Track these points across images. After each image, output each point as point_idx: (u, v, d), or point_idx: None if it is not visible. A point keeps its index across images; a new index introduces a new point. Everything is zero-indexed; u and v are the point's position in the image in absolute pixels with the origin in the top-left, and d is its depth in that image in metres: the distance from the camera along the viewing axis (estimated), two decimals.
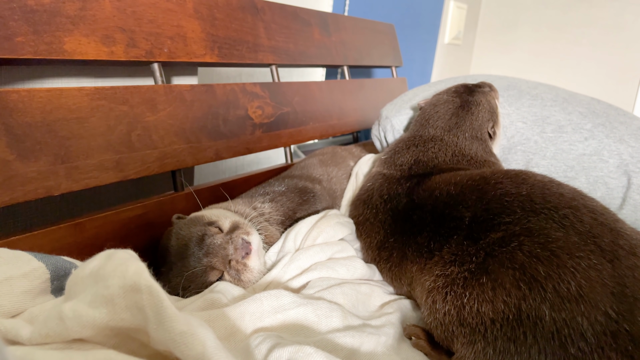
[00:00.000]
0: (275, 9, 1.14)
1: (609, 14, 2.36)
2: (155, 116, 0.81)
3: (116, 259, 0.46)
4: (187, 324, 0.40)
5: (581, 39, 2.46)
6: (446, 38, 2.51)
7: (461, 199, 0.67)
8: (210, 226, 0.71)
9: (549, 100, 0.98)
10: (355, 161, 1.14)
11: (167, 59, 0.85)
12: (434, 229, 0.67)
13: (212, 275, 0.68)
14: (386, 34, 1.68)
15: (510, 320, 0.51)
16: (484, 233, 0.60)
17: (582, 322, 0.48)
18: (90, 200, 0.87)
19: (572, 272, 0.51)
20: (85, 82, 0.84)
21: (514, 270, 0.54)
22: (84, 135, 0.70)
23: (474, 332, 0.54)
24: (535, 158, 0.90)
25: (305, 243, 0.77)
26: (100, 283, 0.43)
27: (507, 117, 0.96)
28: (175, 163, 0.84)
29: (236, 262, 0.68)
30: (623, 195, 0.85)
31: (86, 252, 0.65)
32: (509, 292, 0.53)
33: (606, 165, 0.86)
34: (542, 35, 2.59)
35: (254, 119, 1.02)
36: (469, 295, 0.56)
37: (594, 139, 0.88)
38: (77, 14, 0.72)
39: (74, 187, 0.68)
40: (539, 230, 0.56)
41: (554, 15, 2.53)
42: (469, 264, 0.59)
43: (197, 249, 0.69)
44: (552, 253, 0.53)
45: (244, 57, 1.02)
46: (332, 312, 0.59)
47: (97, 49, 0.74)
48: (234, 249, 0.68)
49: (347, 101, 1.38)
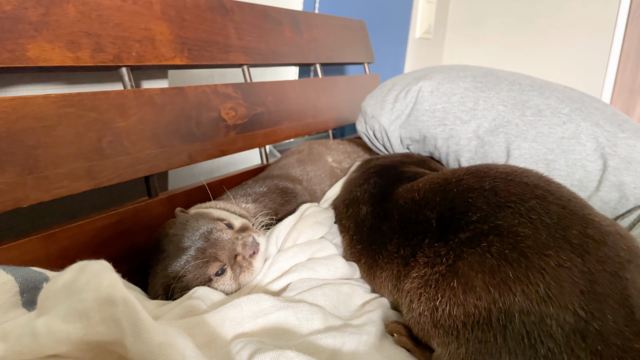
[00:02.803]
0: (245, 8, 1.13)
1: (575, 4, 2.41)
2: (125, 122, 0.79)
3: (89, 271, 0.45)
4: (165, 335, 0.39)
5: (549, 30, 2.50)
6: (417, 33, 2.52)
7: (425, 202, 0.67)
8: (218, 222, 0.73)
9: (527, 86, 0.99)
10: (332, 156, 1.14)
11: (136, 62, 0.83)
12: (404, 236, 0.67)
13: (212, 267, 0.68)
14: (357, 31, 1.68)
15: (481, 323, 0.51)
16: (453, 233, 0.60)
17: (551, 323, 0.48)
18: (62, 210, 0.85)
19: (540, 273, 0.50)
20: (52, 89, 0.82)
21: (483, 274, 0.53)
22: (52, 144, 0.68)
23: (447, 334, 0.54)
24: (517, 140, 0.92)
25: (286, 245, 0.77)
26: (74, 297, 0.42)
27: (487, 100, 0.97)
28: (148, 168, 0.82)
29: (242, 259, 0.70)
30: (599, 177, 0.87)
31: (58, 264, 0.64)
32: (479, 296, 0.52)
33: (584, 149, 0.88)
34: (511, 27, 2.62)
35: (227, 121, 1.01)
36: (440, 298, 0.56)
37: (572, 122, 0.90)
38: (40, 19, 0.70)
39: (44, 198, 0.66)
40: (507, 229, 0.55)
41: (522, 6, 2.57)
42: (440, 265, 0.58)
43: (202, 241, 0.69)
44: (521, 254, 0.52)
45: (214, 58, 1.01)
46: (313, 315, 0.58)
47: (62, 54, 0.72)
48: (242, 246, 0.70)
49: (322, 99, 1.38)
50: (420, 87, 1.04)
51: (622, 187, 0.85)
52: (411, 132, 1.04)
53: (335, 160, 1.13)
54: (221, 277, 0.69)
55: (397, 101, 1.06)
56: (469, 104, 0.98)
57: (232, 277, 0.69)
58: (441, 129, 0.99)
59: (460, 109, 0.98)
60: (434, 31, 2.70)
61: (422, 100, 1.02)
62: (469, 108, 0.98)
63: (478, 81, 1.02)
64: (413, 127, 1.04)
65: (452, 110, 0.99)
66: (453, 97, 1.00)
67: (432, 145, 1.03)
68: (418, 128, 1.03)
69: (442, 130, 0.99)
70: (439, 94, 1.01)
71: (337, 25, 1.56)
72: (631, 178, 0.84)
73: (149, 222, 0.84)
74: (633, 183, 0.84)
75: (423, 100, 1.02)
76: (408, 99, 1.05)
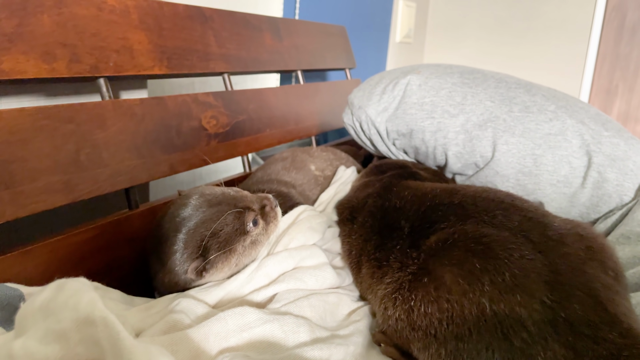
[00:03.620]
0: (225, 16, 1.12)
1: (551, 8, 2.44)
2: (104, 133, 0.78)
3: (68, 290, 0.43)
4: (147, 354, 0.38)
5: (526, 33, 2.54)
6: (397, 37, 2.54)
7: (402, 211, 0.71)
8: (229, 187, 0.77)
9: (513, 84, 1.00)
10: (315, 164, 1.13)
11: (114, 73, 0.82)
12: (380, 239, 0.71)
13: (249, 215, 0.71)
14: (338, 36, 1.68)
15: (454, 317, 0.52)
16: (423, 239, 0.63)
17: (521, 311, 0.49)
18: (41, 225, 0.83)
19: (505, 263, 0.52)
20: (28, 102, 0.80)
21: (451, 266, 0.55)
22: (28, 158, 0.66)
23: (425, 334, 0.55)
24: (505, 135, 0.92)
25: (276, 249, 0.76)
26: (51, 317, 0.41)
27: (475, 95, 0.97)
28: (128, 180, 0.81)
29: (270, 209, 0.75)
30: (584, 174, 0.88)
31: (36, 282, 0.62)
32: (449, 289, 0.54)
33: (570, 145, 0.89)
34: (490, 30, 2.65)
35: (208, 130, 1.00)
36: (415, 298, 0.57)
37: (558, 119, 0.92)
38: (14, 31, 0.68)
39: (20, 214, 0.65)
40: (472, 230, 0.59)
41: (500, 10, 2.60)
42: (412, 266, 0.61)
43: (230, 197, 0.72)
44: (485, 246, 0.55)
45: (194, 66, 1.00)
46: (299, 327, 0.58)
47: (37, 66, 0.70)
48: (267, 199, 0.76)
49: (304, 106, 1.38)
50: (408, 81, 1.03)
51: (605, 183, 0.86)
52: (398, 125, 1.03)
53: (318, 169, 1.13)
54: (256, 227, 0.72)
55: (384, 93, 1.05)
56: (457, 99, 0.98)
57: (263, 227, 0.74)
58: (429, 121, 0.99)
59: (449, 103, 0.98)
60: (414, 35, 2.72)
61: (411, 93, 1.02)
62: (457, 102, 0.98)
63: (465, 77, 1.02)
64: (401, 119, 1.02)
65: (441, 104, 0.99)
66: (441, 91, 1.00)
67: (419, 139, 1.01)
68: (405, 121, 1.02)
69: (430, 123, 0.99)
70: (427, 88, 1.01)
71: (318, 31, 1.56)
72: (614, 175, 0.86)
73: (130, 235, 0.82)
74: (616, 180, 0.86)
75: (411, 94, 1.02)
76: (396, 92, 1.04)
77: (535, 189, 0.91)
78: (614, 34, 2.36)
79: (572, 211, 0.90)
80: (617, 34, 2.36)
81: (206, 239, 0.67)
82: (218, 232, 0.67)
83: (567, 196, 0.89)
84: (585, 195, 0.88)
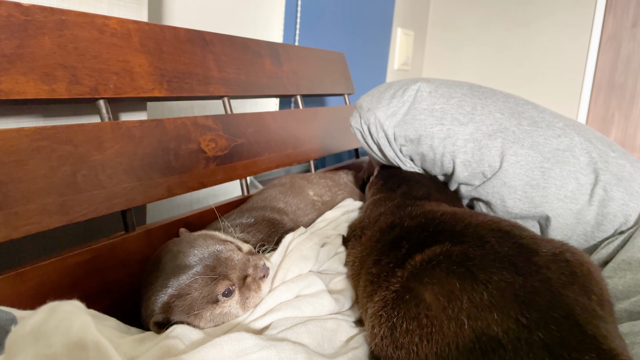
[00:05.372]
0: (225, 40, 1.13)
1: (547, 37, 2.48)
2: (102, 155, 0.77)
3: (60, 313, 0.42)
4: None
5: (522, 62, 2.57)
6: (395, 64, 2.57)
7: (407, 232, 0.73)
8: (228, 243, 0.71)
9: (521, 100, 1.01)
10: (314, 190, 1.13)
11: (114, 95, 0.82)
12: (379, 255, 0.72)
13: (222, 286, 0.65)
14: (337, 62, 1.70)
15: (434, 333, 0.53)
16: (409, 259, 0.64)
17: (497, 330, 0.50)
18: (34, 248, 0.82)
19: (484, 284, 0.54)
20: (27, 122, 0.80)
21: (432, 285, 0.57)
22: (24, 179, 0.66)
23: (408, 353, 0.55)
24: (514, 147, 0.92)
25: (274, 284, 0.74)
26: (42, 341, 0.40)
27: (485, 107, 0.97)
28: (125, 202, 0.80)
29: (252, 281, 0.69)
30: (590, 191, 0.88)
31: (29, 305, 0.60)
32: (429, 306, 0.55)
33: (578, 162, 0.90)
34: (486, 58, 2.69)
35: (207, 152, 1.00)
36: (397, 315, 0.58)
37: (566, 136, 0.92)
38: (14, 52, 0.68)
39: (14, 235, 0.63)
40: (459, 252, 0.61)
41: (496, 38, 2.64)
42: (395, 284, 0.62)
43: (212, 259, 0.67)
44: (467, 269, 0.57)
45: (194, 90, 1.00)
46: (297, 354, 0.56)
47: (37, 87, 0.70)
48: (254, 268, 0.69)
49: (302, 130, 1.38)
50: (418, 87, 1.03)
51: (610, 202, 0.86)
52: (407, 131, 1.02)
53: (316, 194, 1.13)
54: (229, 298, 0.66)
55: (394, 97, 1.04)
56: (467, 108, 0.98)
57: (238, 300, 0.67)
58: (439, 128, 0.98)
59: (459, 111, 0.98)
60: (411, 62, 2.75)
61: (421, 99, 1.01)
62: (467, 112, 0.97)
63: (474, 90, 1.02)
64: (409, 125, 1.01)
65: (450, 112, 0.98)
66: (451, 100, 0.99)
67: (427, 145, 1.00)
68: (414, 127, 1.00)
69: (440, 129, 0.98)
70: (437, 95, 1.01)
71: (317, 57, 1.57)
72: (620, 194, 0.86)
73: (126, 258, 0.81)
74: (622, 200, 0.86)
75: (421, 100, 1.01)
76: (405, 97, 1.03)
77: (542, 202, 0.90)
78: (609, 64, 2.39)
79: (578, 228, 0.90)
80: (612, 63, 2.39)
81: (172, 298, 0.64)
82: (184, 295, 0.64)
83: (574, 212, 0.89)
84: (591, 213, 0.88)
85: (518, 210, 0.93)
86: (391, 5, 2.47)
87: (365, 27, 2.29)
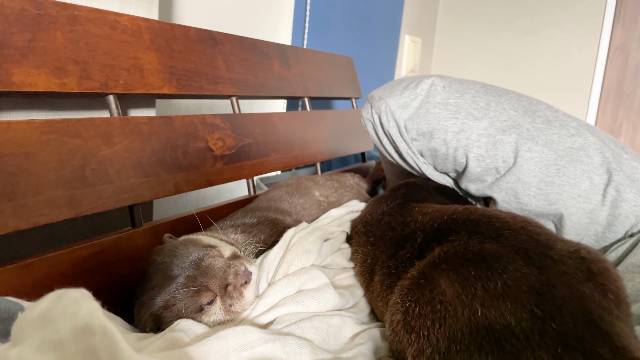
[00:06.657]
0: (234, 41, 1.14)
1: (555, 46, 2.48)
2: (110, 149, 0.78)
3: (67, 299, 0.42)
4: None
5: (530, 70, 2.57)
6: (403, 71, 2.57)
7: (420, 224, 0.75)
8: (209, 249, 0.70)
9: (534, 100, 1.01)
10: (320, 191, 1.13)
11: (123, 90, 0.82)
12: (394, 249, 0.74)
13: (204, 297, 0.65)
14: (345, 66, 1.70)
15: (447, 318, 0.54)
16: (429, 251, 0.66)
17: (510, 319, 0.50)
18: (42, 239, 0.82)
19: (499, 274, 0.55)
20: (37, 115, 0.81)
21: (448, 272, 0.58)
22: (33, 171, 0.66)
23: (419, 336, 0.55)
24: (529, 143, 0.91)
25: (276, 278, 0.74)
26: (49, 326, 0.40)
27: (498, 104, 0.97)
28: (132, 198, 0.80)
29: (233, 289, 0.67)
30: (603, 191, 0.88)
31: (35, 296, 0.60)
32: (443, 292, 0.56)
33: (591, 161, 0.89)
34: (494, 66, 2.69)
35: (214, 151, 1.00)
36: (411, 299, 0.59)
37: (580, 136, 0.92)
38: (27, 45, 0.69)
39: (22, 226, 0.64)
40: (475, 244, 0.62)
41: (504, 47, 2.64)
42: (412, 271, 0.64)
43: (193, 269, 0.66)
44: (482, 258, 0.58)
45: (203, 88, 1.01)
46: (302, 349, 0.56)
47: (48, 80, 0.71)
48: (234, 275, 0.67)
49: (309, 132, 1.38)
50: (432, 82, 1.02)
51: (623, 203, 0.86)
52: (420, 124, 1.00)
53: (322, 195, 1.13)
54: (211, 306, 0.66)
55: (407, 89, 1.03)
56: (481, 104, 0.97)
57: (222, 308, 0.66)
58: (452, 121, 0.97)
59: (473, 107, 0.97)
60: (419, 70, 2.76)
61: (435, 93, 1.00)
62: (481, 107, 0.97)
63: (488, 88, 1.02)
64: (423, 118, 1.00)
65: (465, 106, 0.97)
66: (465, 95, 0.99)
67: (440, 139, 0.99)
68: (428, 120, 0.99)
69: (454, 123, 0.97)
70: (451, 90, 1.00)
71: (325, 60, 1.58)
72: (633, 195, 0.86)
73: (132, 253, 0.81)
74: (634, 201, 0.86)
75: (435, 94, 1.00)
76: (418, 90, 1.02)
77: (557, 199, 0.89)
78: (617, 73, 2.39)
79: (590, 229, 0.89)
80: (621, 73, 2.39)
81: (160, 310, 0.65)
82: (170, 306, 0.65)
83: (586, 212, 0.88)
84: (603, 213, 0.87)
85: (533, 207, 0.92)
86: (399, 12, 2.47)
87: (373, 33, 2.30)
